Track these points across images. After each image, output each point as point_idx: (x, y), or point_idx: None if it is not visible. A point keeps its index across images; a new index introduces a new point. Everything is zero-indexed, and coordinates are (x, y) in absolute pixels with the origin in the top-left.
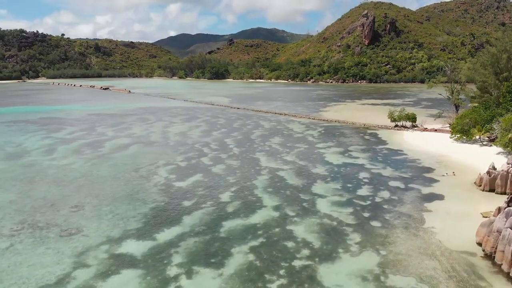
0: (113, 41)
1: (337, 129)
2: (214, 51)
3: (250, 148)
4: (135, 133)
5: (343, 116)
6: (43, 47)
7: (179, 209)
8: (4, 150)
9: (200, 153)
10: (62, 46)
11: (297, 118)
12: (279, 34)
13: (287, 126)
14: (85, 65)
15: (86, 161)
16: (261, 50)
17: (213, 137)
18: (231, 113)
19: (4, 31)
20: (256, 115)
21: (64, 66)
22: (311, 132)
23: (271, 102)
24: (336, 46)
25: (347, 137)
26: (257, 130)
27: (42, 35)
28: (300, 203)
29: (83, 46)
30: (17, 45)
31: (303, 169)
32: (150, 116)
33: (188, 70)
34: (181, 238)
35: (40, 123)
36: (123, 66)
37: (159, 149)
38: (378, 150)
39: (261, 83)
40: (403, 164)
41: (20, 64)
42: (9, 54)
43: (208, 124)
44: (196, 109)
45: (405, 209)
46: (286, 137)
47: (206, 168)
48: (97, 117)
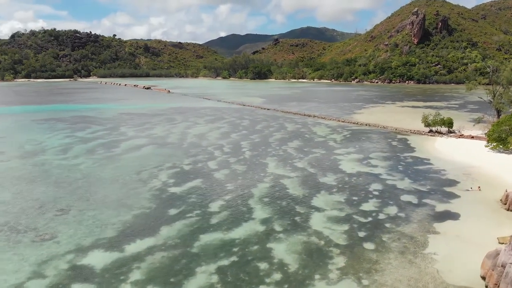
0: (162, 42)
1: (364, 133)
2: (259, 51)
3: (263, 152)
4: (155, 133)
5: (376, 119)
6: (95, 47)
7: (161, 218)
8: (23, 148)
9: (209, 156)
10: (113, 46)
11: (326, 120)
12: (328, 33)
13: (312, 129)
14: (134, 65)
15: (94, 161)
16: (306, 49)
17: (230, 140)
18: (259, 114)
19: (59, 32)
20: (284, 116)
21: (115, 65)
22: (335, 136)
23: (305, 103)
24: (384, 45)
25: (372, 142)
26: (278, 133)
27: (94, 36)
28: (293, 217)
29: (133, 46)
30: (71, 45)
31: (310, 178)
32: (178, 116)
33: (232, 70)
34: (150, 251)
35: (69, 122)
36: (170, 66)
37: (170, 151)
38: (402, 158)
39: (303, 83)
40: (425, 175)
41: (73, 63)
42: (63, 53)
43: (230, 126)
44: (225, 110)
45: (409, 230)
46: (305, 141)
47: (209, 173)
48: (126, 117)
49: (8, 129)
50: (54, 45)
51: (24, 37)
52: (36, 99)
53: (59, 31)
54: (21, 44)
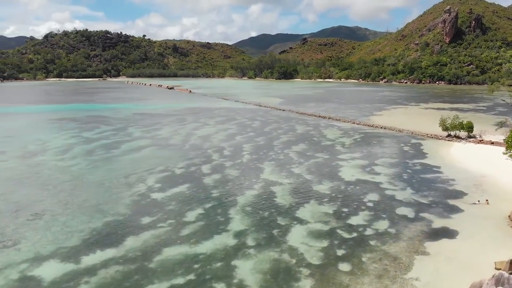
0: (190, 42)
1: (377, 136)
2: (287, 51)
3: (263, 156)
4: (160, 134)
5: (394, 121)
6: (125, 47)
7: (131, 227)
8: (26, 148)
9: (206, 160)
10: (142, 46)
11: (340, 122)
12: (361, 32)
13: (322, 131)
14: (162, 65)
15: (90, 163)
16: (335, 48)
17: (233, 142)
18: (273, 115)
19: (90, 32)
20: (297, 118)
21: (143, 66)
22: (344, 140)
23: (324, 103)
24: (414, 44)
25: (382, 147)
26: (285, 136)
27: (125, 36)
28: (271, 230)
29: (162, 47)
30: (102, 45)
31: (303, 185)
32: (190, 117)
33: (258, 70)
34: (106, 264)
35: (81, 121)
36: (198, 67)
37: (169, 153)
38: (409, 166)
39: (329, 83)
40: (430, 185)
41: (104, 63)
42: (94, 53)
43: (239, 127)
44: (240, 110)
45: (395, 249)
46: (311, 145)
47: (199, 178)
48: (138, 117)
49: (21, 128)
50: (86, 45)
51: (57, 38)
52: (60, 98)
53: (90, 31)
54: (54, 44)
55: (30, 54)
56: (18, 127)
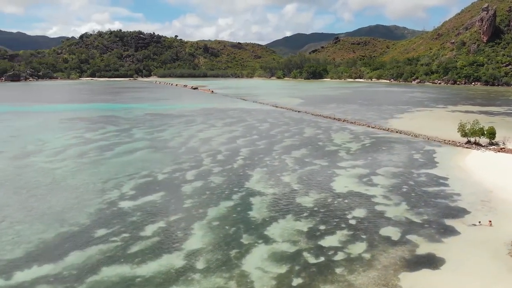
0: (221, 42)
1: (388, 142)
2: (318, 50)
3: (257, 162)
4: (161, 136)
5: (413, 125)
6: (157, 47)
7: (81, 240)
8: (23, 148)
9: (196, 165)
10: (174, 47)
11: (354, 125)
12: (398, 31)
13: (331, 135)
14: (193, 65)
15: (77, 165)
16: (368, 48)
17: (232, 146)
18: (286, 117)
19: (124, 33)
20: (310, 120)
21: (174, 66)
22: (351, 145)
23: (345, 105)
24: (450, 43)
25: (390, 154)
26: (290, 139)
27: (157, 37)
28: (229, 251)
29: (193, 47)
30: (134, 46)
31: (286, 197)
32: (200, 118)
33: (287, 70)
34: (34, 283)
35: (90, 121)
36: (227, 67)
37: (160, 157)
38: (414, 176)
39: (359, 83)
40: (429, 201)
41: (136, 63)
42: (126, 53)
43: (245, 130)
44: (254, 111)
45: (362, 280)
46: (313, 150)
47: (178, 185)
48: (149, 117)
49: (29, 127)
50: (119, 46)
51: (92, 38)
52: (84, 97)
53: (124, 32)
54: (89, 44)
55: (65, 54)
56: (27, 126)
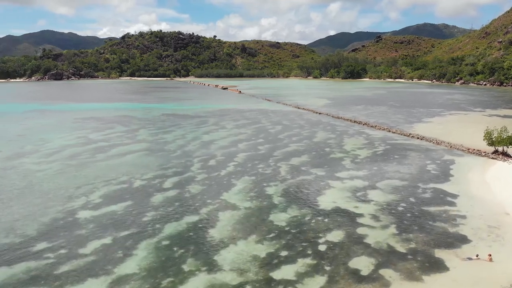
0: (259, 42)
1: (404, 149)
2: (358, 49)
3: (248, 169)
4: (164, 138)
5: (440, 130)
6: (196, 48)
7: (16, 254)
8: (21, 148)
9: (181, 170)
10: (212, 47)
11: (373, 129)
12: (447, 30)
13: (344, 140)
14: (230, 66)
15: (62, 168)
16: (412, 47)
17: (231, 150)
18: (303, 119)
19: (164, 33)
20: (328, 122)
21: (212, 66)
22: (361, 152)
23: (373, 106)
24: (497, 42)
25: (401, 163)
26: (295, 144)
27: (196, 37)
28: (160, 279)
29: (231, 47)
30: (174, 46)
31: (260, 212)
32: (213, 119)
33: (324, 69)
34: None
35: (103, 121)
36: (264, 67)
37: (150, 161)
38: (419, 192)
39: (398, 84)
40: (425, 224)
41: (174, 63)
42: (166, 54)
43: (254, 132)
44: (273, 112)
45: None
46: (316, 157)
47: (151, 194)
48: (163, 118)
49: (39, 126)
50: (159, 46)
51: (133, 38)
52: (113, 96)
53: (164, 32)
54: (130, 44)
55: (107, 54)
56: (39, 125)
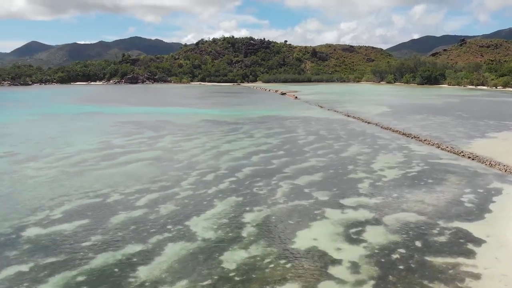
0: (332, 46)
1: (445, 171)
2: (439, 53)
3: (242, 187)
4: (181, 147)
5: (501, 148)
6: (265, 53)
7: None
8: (39, 152)
9: (170, 185)
10: (282, 52)
11: (420, 144)
12: None
13: (378, 156)
14: (298, 70)
15: (57, 175)
16: (499, 51)
17: (240, 163)
18: (346, 129)
19: (236, 39)
20: (372, 134)
21: (280, 71)
22: (390, 172)
23: (436, 117)
24: None
25: (433, 190)
26: (318, 159)
27: (267, 42)
28: None
29: (301, 51)
30: (244, 51)
31: (213, 249)
32: (248, 126)
33: (399, 74)
34: None
35: (139, 125)
36: (335, 71)
37: (146, 172)
38: (434, 232)
39: (478, 91)
40: (418, 284)
41: (243, 69)
42: (236, 59)
43: (280, 142)
44: (317, 120)
45: None
46: (330, 177)
47: (113, 213)
48: (199, 124)
49: (75, 129)
50: (230, 52)
51: (206, 44)
52: (173, 100)
53: (236, 38)
54: (203, 50)
55: (181, 59)
56: (76, 128)
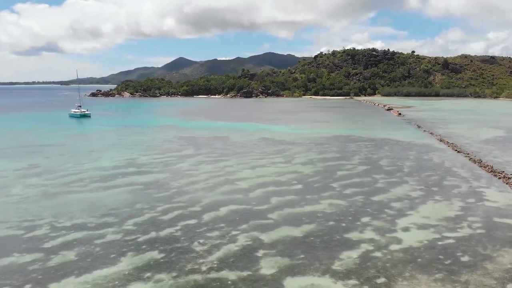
0: (468, 57)
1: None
2: None
3: (212, 238)
4: (202, 169)
5: None
6: (388, 65)
7: None
8: (58, 166)
9: (147, 226)
10: (408, 63)
11: (505, 189)
12: None
13: (421, 206)
14: (425, 83)
15: (46, 193)
16: None
17: (236, 198)
18: (422, 158)
19: (357, 51)
20: (449, 169)
21: (403, 84)
22: (421, 236)
23: None
24: None
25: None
26: (331, 201)
27: (391, 53)
28: None
29: (430, 63)
30: (365, 63)
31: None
32: (301, 148)
33: None
34: None
35: (190, 142)
36: (469, 85)
37: (131, 198)
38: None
39: None
40: None
41: (362, 81)
42: (354, 72)
43: (315, 171)
44: (396, 144)
45: None
46: (329, 231)
47: (68, 244)
48: (255, 142)
49: (125, 143)
50: (349, 64)
51: (324, 57)
52: (259, 115)
53: (357, 50)
54: (320, 63)
55: (296, 73)
56: (125, 142)
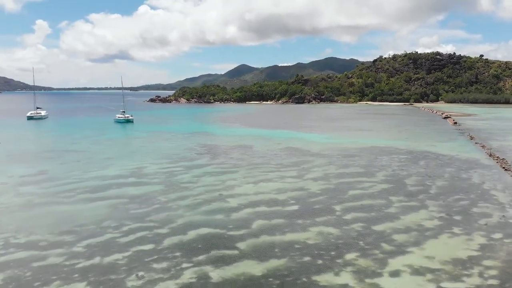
0: None
1: None
2: None
3: (262, 232)
4: (202, 182)
5: None
6: (453, 69)
7: None
8: (62, 173)
9: (118, 236)
10: (476, 68)
11: None
12: None
13: (425, 243)
14: (494, 89)
15: (21, 202)
16: None
17: (237, 214)
18: (461, 177)
19: (419, 55)
20: (486, 191)
21: (470, 90)
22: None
23: None
24: None
25: None
26: (381, 226)
27: (457, 57)
28: None
29: (500, 67)
30: (427, 68)
31: None
32: (320, 161)
33: None
34: None
35: (210, 151)
36: None
37: (116, 213)
38: None
39: None
40: None
41: (424, 86)
42: (416, 76)
43: (324, 187)
44: (436, 159)
45: None
46: None
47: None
48: (275, 152)
49: (146, 151)
50: (410, 68)
51: (384, 61)
52: (298, 122)
53: (420, 54)
54: (379, 68)
55: (354, 78)
56: (146, 149)
